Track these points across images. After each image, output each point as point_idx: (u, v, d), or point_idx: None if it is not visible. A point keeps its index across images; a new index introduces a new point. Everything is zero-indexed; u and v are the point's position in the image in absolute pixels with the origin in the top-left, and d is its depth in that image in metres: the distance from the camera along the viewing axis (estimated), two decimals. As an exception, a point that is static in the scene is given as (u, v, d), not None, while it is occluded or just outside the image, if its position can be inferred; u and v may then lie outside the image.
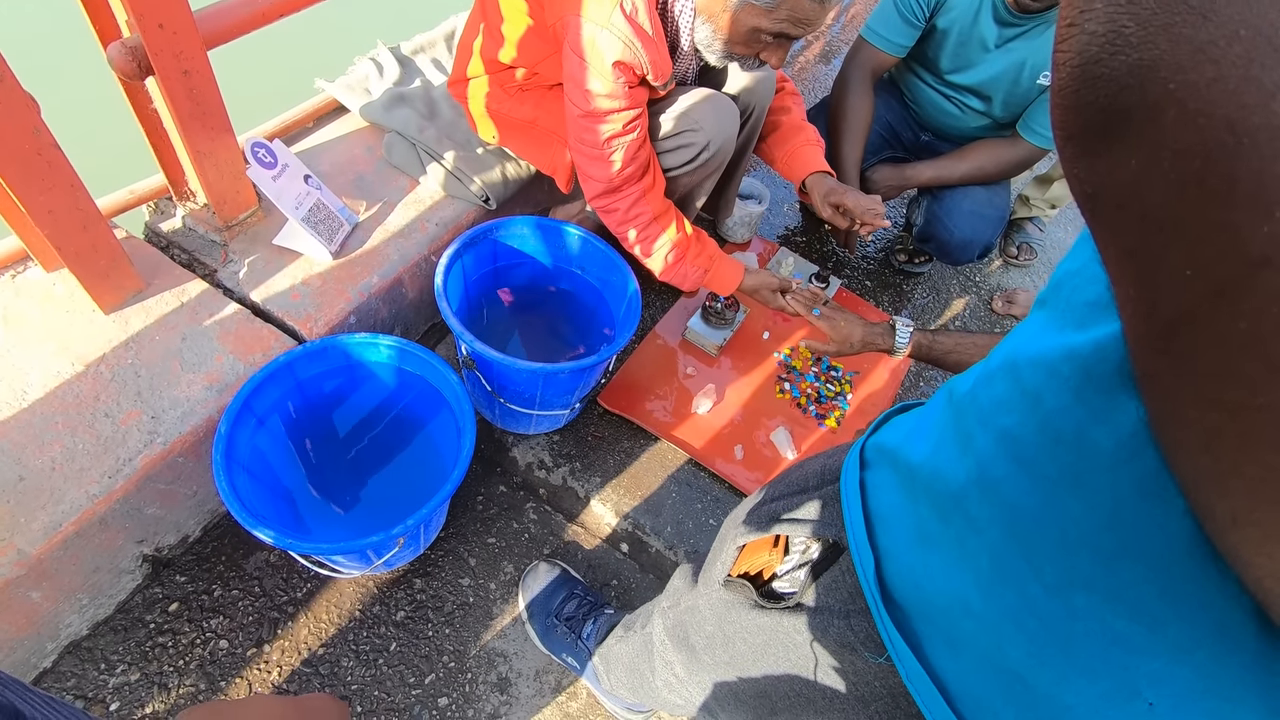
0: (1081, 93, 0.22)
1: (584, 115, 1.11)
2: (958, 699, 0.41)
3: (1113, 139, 0.22)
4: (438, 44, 1.72)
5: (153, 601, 1.18)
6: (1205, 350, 0.21)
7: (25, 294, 1.16)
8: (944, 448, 0.42)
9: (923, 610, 0.43)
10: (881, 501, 0.48)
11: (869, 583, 0.46)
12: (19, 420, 1.04)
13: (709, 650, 0.69)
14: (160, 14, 0.96)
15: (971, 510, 0.39)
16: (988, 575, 0.38)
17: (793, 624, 0.54)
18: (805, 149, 1.44)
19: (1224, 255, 0.20)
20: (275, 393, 1.13)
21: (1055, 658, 0.36)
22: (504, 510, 1.40)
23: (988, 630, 0.39)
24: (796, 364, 1.66)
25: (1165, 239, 0.21)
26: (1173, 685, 0.32)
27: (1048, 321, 0.36)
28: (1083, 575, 0.33)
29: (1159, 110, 0.20)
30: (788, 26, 1.03)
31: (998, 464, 0.37)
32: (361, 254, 1.35)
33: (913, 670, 0.43)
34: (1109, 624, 0.33)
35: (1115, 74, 0.21)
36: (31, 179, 0.93)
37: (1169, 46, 0.19)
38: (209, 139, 1.14)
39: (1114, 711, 0.34)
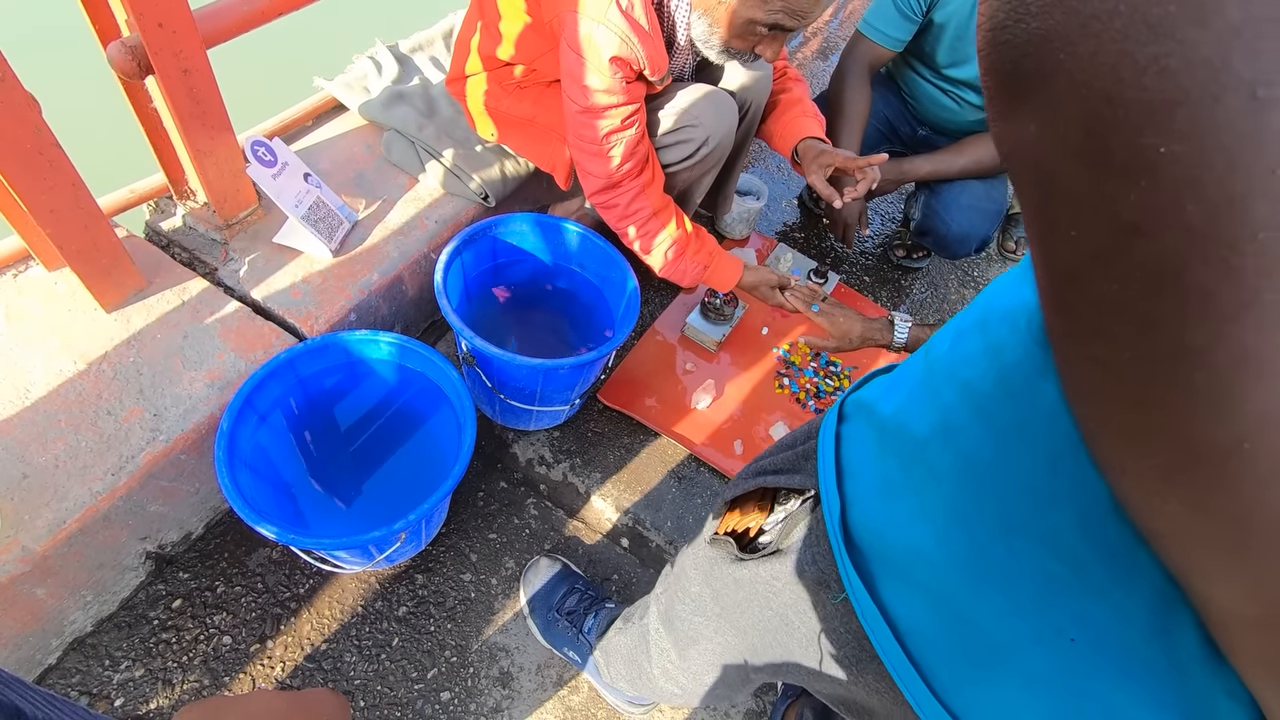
0: (992, 56, 0.23)
1: (582, 111, 1.11)
2: (906, 635, 0.44)
3: (1017, 103, 0.23)
4: (436, 42, 1.72)
5: (156, 598, 1.18)
6: (1085, 308, 0.23)
7: (28, 292, 1.16)
8: (914, 400, 0.44)
9: (881, 554, 0.45)
10: (853, 452, 0.50)
11: (834, 526, 0.48)
12: (22, 418, 1.05)
13: (697, 613, 0.70)
14: (160, 13, 0.97)
15: (932, 460, 0.41)
16: (942, 521, 0.40)
17: (770, 573, 0.56)
18: (800, 119, 1.41)
19: (1101, 221, 0.21)
20: (277, 390, 1.13)
21: (995, 598, 0.38)
22: (505, 506, 1.41)
23: (938, 572, 0.41)
24: (795, 359, 1.66)
25: (1057, 202, 0.22)
26: (1092, 623, 0.34)
27: (1019, 276, 0.37)
28: (1022, 520, 0.35)
29: (1052, 79, 0.21)
30: (783, 18, 1.04)
31: (959, 414, 0.39)
32: (361, 251, 1.36)
33: (866, 607, 0.45)
34: (1041, 566, 0.35)
35: (1017, 40, 0.22)
36: (33, 178, 0.94)
37: (1061, 18, 0.20)
38: (209, 138, 1.14)
39: (1041, 647, 0.36)
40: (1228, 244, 0.18)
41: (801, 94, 1.45)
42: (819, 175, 1.32)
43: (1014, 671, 0.38)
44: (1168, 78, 0.18)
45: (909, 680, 0.43)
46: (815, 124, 1.40)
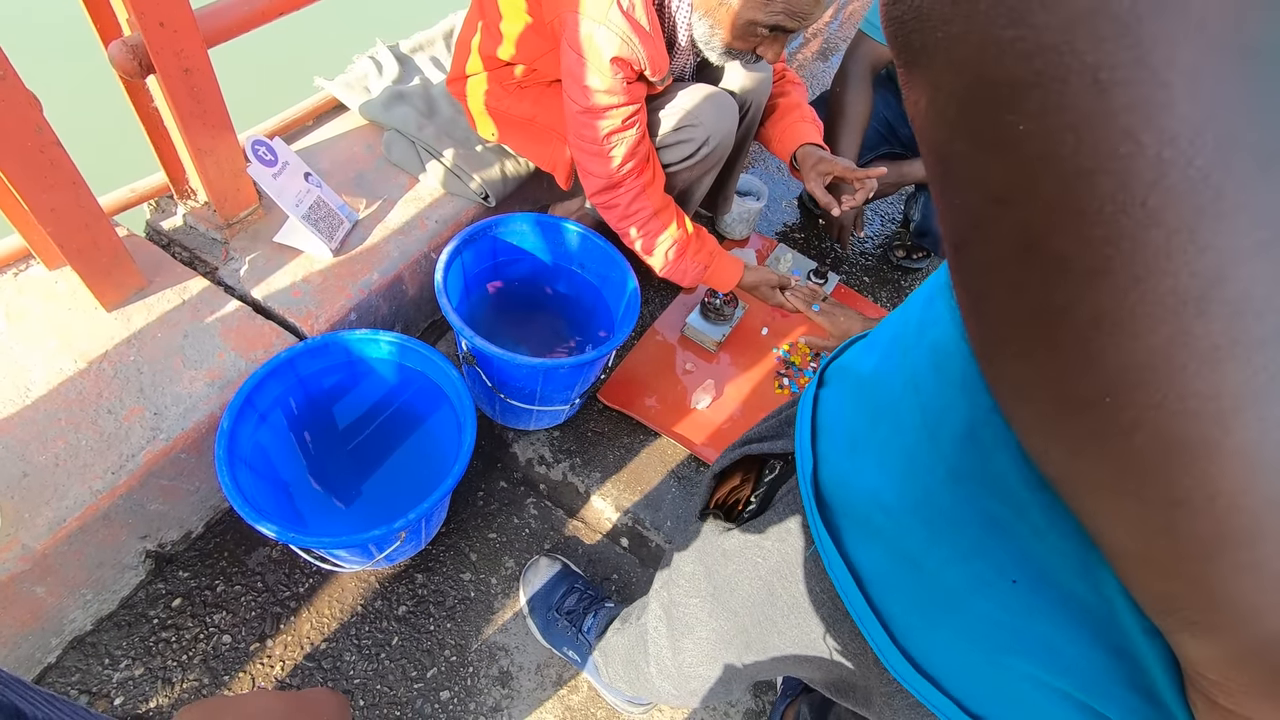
0: (887, 29, 0.24)
1: (583, 111, 1.11)
2: (869, 584, 0.46)
3: (910, 76, 0.24)
4: (436, 42, 1.72)
5: (156, 597, 1.19)
6: (969, 270, 0.25)
7: (28, 291, 1.16)
8: (889, 359, 0.46)
9: (845, 505, 0.48)
10: (828, 412, 0.52)
11: (805, 482, 0.50)
12: (22, 417, 1.05)
13: (692, 594, 0.71)
14: (161, 12, 0.97)
15: (901, 415, 0.43)
16: (899, 471, 0.42)
17: (755, 538, 0.58)
18: (798, 125, 1.42)
19: (975, 191, 0.22)
20: (277, 389, 1.13)
21: (944, 543, 0.40)
22: (505, 506, 1.41)
23: (894, 520, 0.43)
24: (795, 359, 1.66)
25: (944, 172, 0.24)
26: (1032, 564, 0.35)
27: None
28: (969, 466, 0.37)
29: (932, 56, 0.22)
30: (784, 19, 1.04)
31: (923, 370, 0.41)
32: (362, 251, 1.36)
33: (832, 558, 0.48)
34: (986, 510, 0.37)
35: (905, 16, 0.23)
36: (34, 177, 0.94)
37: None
38: (210, 137, 1.14)
39: (987, 589, 0.38)
40: (1079, 215, 0.20)
41: (800, 98, 1.45)
42: (817, 183, 1.33)
43: (963, 614, 0.40)
44: (1023, 60, 0.19)
45: (871, 627, 0.46)
46: (814, 129, 1.41)
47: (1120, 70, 0.18)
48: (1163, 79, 0.17)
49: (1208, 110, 0.17)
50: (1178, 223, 0.18)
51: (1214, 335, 0.19)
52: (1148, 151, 0.18)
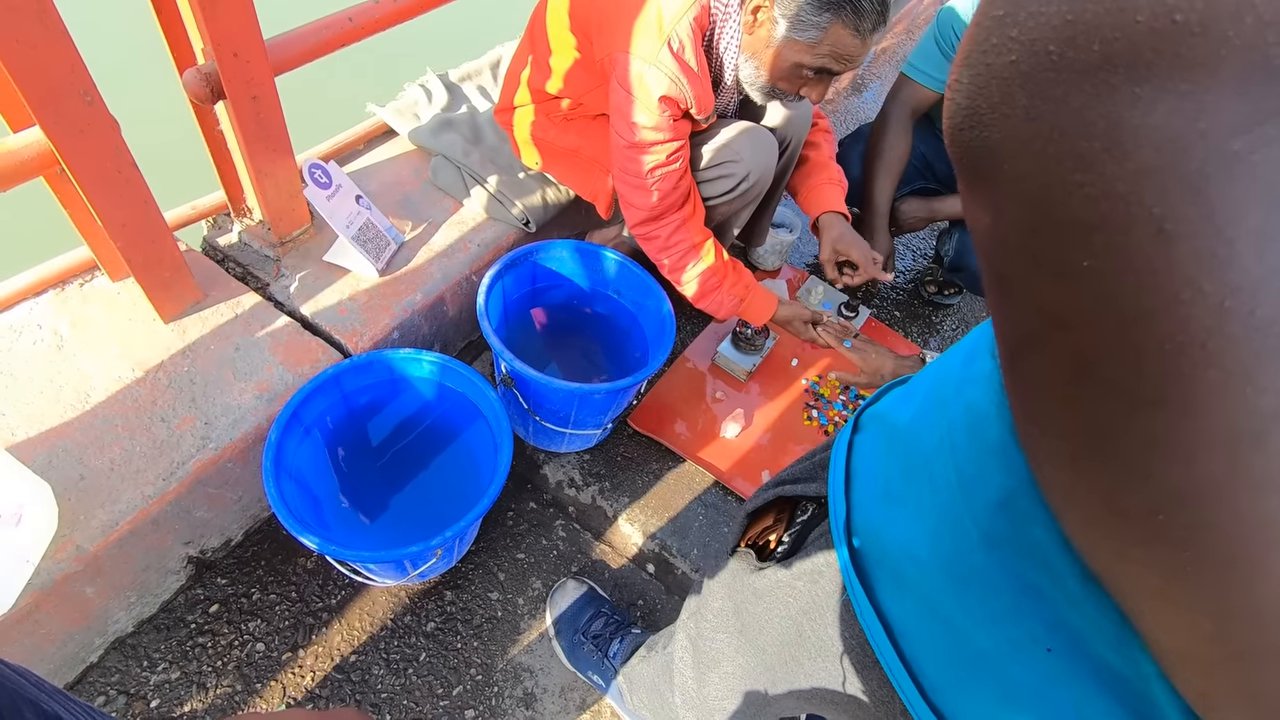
0: (953, 150, 0.26)
1: (629, 146, 1.15)
2: (900, 636, 0.46)
3: (974, 194, 0.25)
4: (483, 72, 1.78)
5: (194, 602, 1.22)
6: (1022, 379, 0.26)
7: (92, 301, 1.22)
8: (926, 413, 0.47)
9: (878, 555, 0.48)
10: (862, 460, 0.53)
11: (838, 528, 0.51)
12: (82, 422, 1.09)
13: (720, 630, 0.72)
14: (236, 44, 1.02)
15: (935, 471, 0.43)
16: (934, 529, 0.43)
17: (786, 578, 0.59)
18: (826, 187, 1.48)
19: (1033, 309, 0.24)
20: (322, 403, 1.17)
21: (977, 605, 0.40)
22: (534, 527, 1.42)
23: (928, 577, 0.43)
24: (824, 392, 1.67)
25: (1002, 283, 0.25)
26: (1067, 633, 0.35)
27: None
28: (1004, 532, 0.37)
29: (998, 183, 0.23)
30: (829, 62, 1.07)
31: (959, 431, 0.41)
32: (406, 272, 1.40)
33: (863, 606, 0.48)
34: (1021, 576, 0.37)
35: (972, 143, 0.24)
36: (111, 194, 0.99)
37: (1006, 134, 0.23)
38: (271, 160, 1.20)
39: (1020, 654, 0.38)
40: (1137, 349, 0.20)
41: (829, 154, 1.51)
42: (830, 257, 1.44)
43: (994, 678, 0.40)
44: (1090, 204, 0.20)
45: (901, 680, 0.45)
46: (838, 193, 1.48)
47: (1185, 224, 0.19)
48: (1228, 236, 0.18)
49: (1272, 266, 0.18)
50: (1236, 366, 0.19)
51: (1270, 467, 0.19)
52: (1209, 299, 0.19)
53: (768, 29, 1.06)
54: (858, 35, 1.03)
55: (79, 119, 0.90)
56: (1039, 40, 0.20)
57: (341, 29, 1.20)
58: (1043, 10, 0.20)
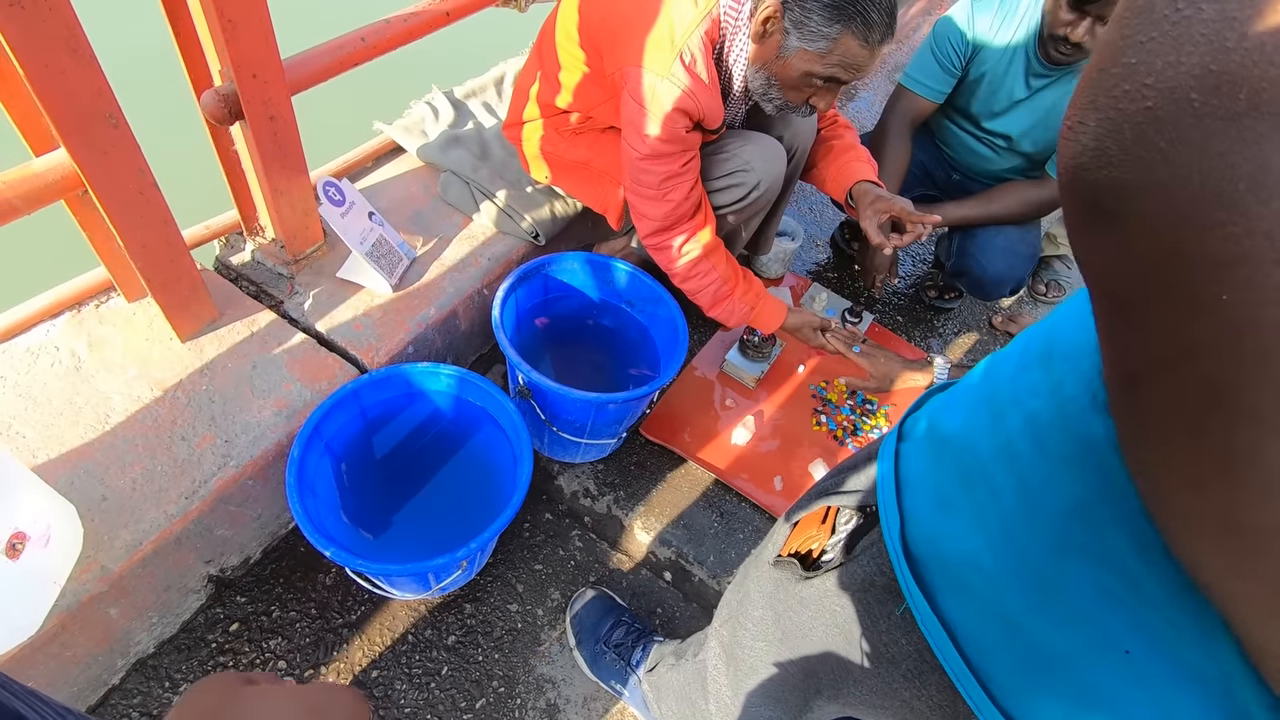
0: (1074, 187, 0.27)
1: (642, 158, 1.17)
2: (964, 642, 0.46)
3: (1095, 228, 0.26)
4: (488, 88, 1.80)
5: (214, 621, 1.21)
6: (1145, 404, 0.26)
7: (109, 322, 1.22)
8: (978, 421, 0.47)
9: (938, 565, 0.48)
10: (911, 468, 0.53)
11: (893, 539, 0.51)
12: (103, 442, 1.09)
13: (759, 638, 0.72)
14: (255, 65, 1.04)
15: (995, 480, 0.44)
16: (997, 537, 0.43)
17: (835, 587, 0.58)
18: (855, 164, 1.44)
19: (1164, 338, 0.24)
20: (341, 418, 1.17)
21: (1049, 609, 0.40)
22: (550, 537, 1.43)
23: (993, 585, 0.43)
24: (832, 397, 1.69)
25: (1127, 313, 0.26)
26: (1146, 635, 0.36)
27: (1083, 313, 0.41)
28: (1075, 540, 0.38)
29: (1127, 221, 0.24)
30: (839, 71, 1.09)
31: (1021, 441, 0.42)
32: (419, 287, 1.41)
33: (926, 615, 0.48)
34: (1096, 581, 0.37)
35: (1099, 183, 0.25)
36: (133, 215, 1.00)
37: (1139, 174, 0.24)
38: (287, 179, 1.21)
39: (1096, 657, 0.38)
40: (1277, 376, 0.21)
41: (853, 140, 1.50)
42: (872, 220, 1.33)
43: (1070, 680, 0.40)
44: (1232, 242, 0.21)
45: (968, 685, 0.45)
46: (869, 168, 1.43)
47: None
48: None
49: None
50: None
51: None
52: None
53: (778, 40, 1.08)
54: (867, 45, 1.05)
55: (104, 141, 0.91)
56: (1179, 89, 0.21)
57: (355, 48, 1.22)
58: (1181, 60, 0.21)
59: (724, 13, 1.10)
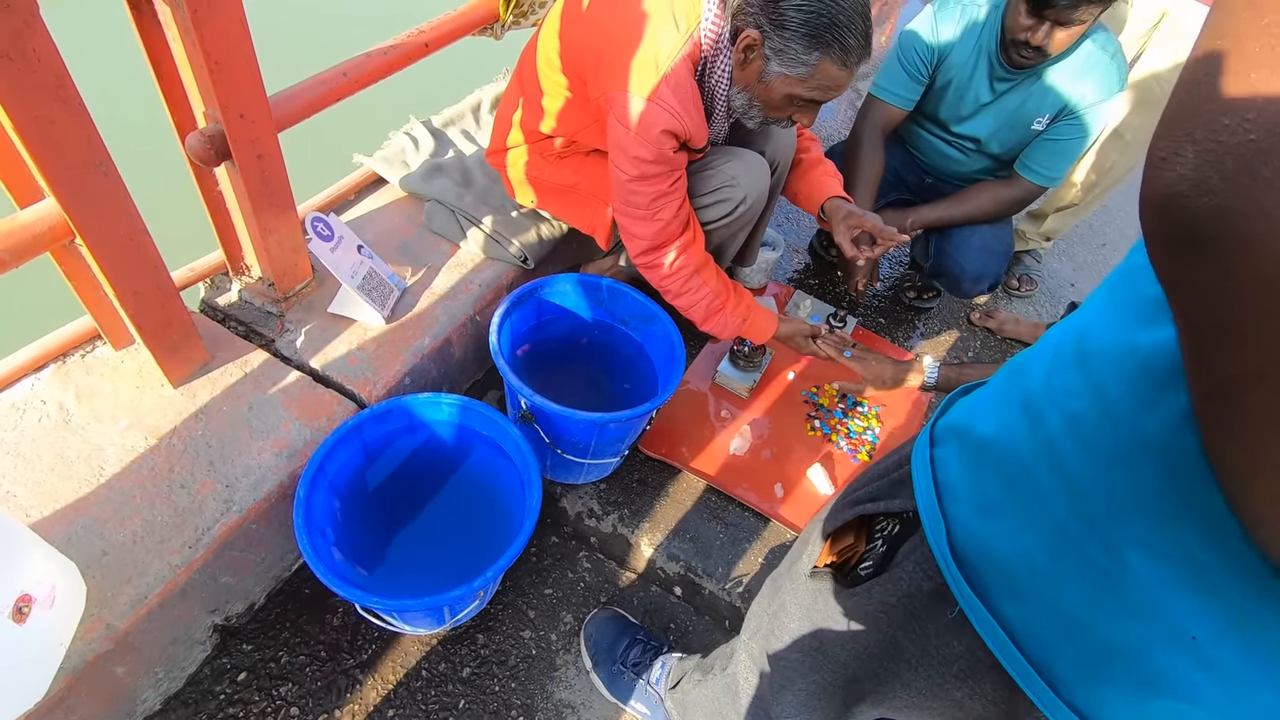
0: (1170, 213, 0.29)
1: (631, 180, 1.18)
2: (1023, 641, 0.47)
3: (1191, 252, 0.28)
4: (466, 116, 1.81)
5: (221, 672, 1.18)
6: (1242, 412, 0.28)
7: (96, 372, 1.19)
8: (1012, 425, 0.48)
9: (989, 568, 0.49)
10: (949, 474, 0.54)
11: (939, 544, 0.51)
12: (98, 495, 1.07)
13: (795, 650, 0.72)
14: (242, 105, 1.03)
15: (1041, 481, 0.45)
16: (1051, 537, 0.44)
17: (880, 597, 0.59)
18: (826, 179, 1.52)
19: (1268, 349, 0.26)
20: (344, 455, 1.16)
21: (1110, 604, 0.41)
22: (558, 561, 1.42)
23: (1049, 583, 0.44)
24: (824, 401, 1.72)
25: (1224, 331, 0.28)
26: (1211, 620, 0.37)
27: (1117, 314, 0.42)
28: (1133, 535, 0.39)
29: (1228, 246, 0.26)
30: (819, 93, 1.13)
31: (1064, 442, 0.43)
32: (412, 317, 1.40)
33: (982, 617, 0.48)
34: (1158, 572, 0.38)
35: (1198, 210, 0.27)
36: (123, 261, 0.98)
37: (1243, 202, 0.25)
38: (275, 216, 1.20)
39: (1161, 646, 0.40)
40: None
41: (819, 154, 1.56)
42: (845, 235, 1.41)
43: (1135, 670, 0.41)
44: None
45: (1032, 682, 0.46)
46: (837, 182, 1.51)
47: None
48: None
49: None
50: None
51: None
52: None
53: (759, 65, 1.11)
54: (845, 68, 1.09)
55: (94, 190, 0.89)
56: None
57: (337, 83, 1.22)
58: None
59: (705, 35, 1.13)
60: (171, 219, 1.55)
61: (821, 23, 1.05)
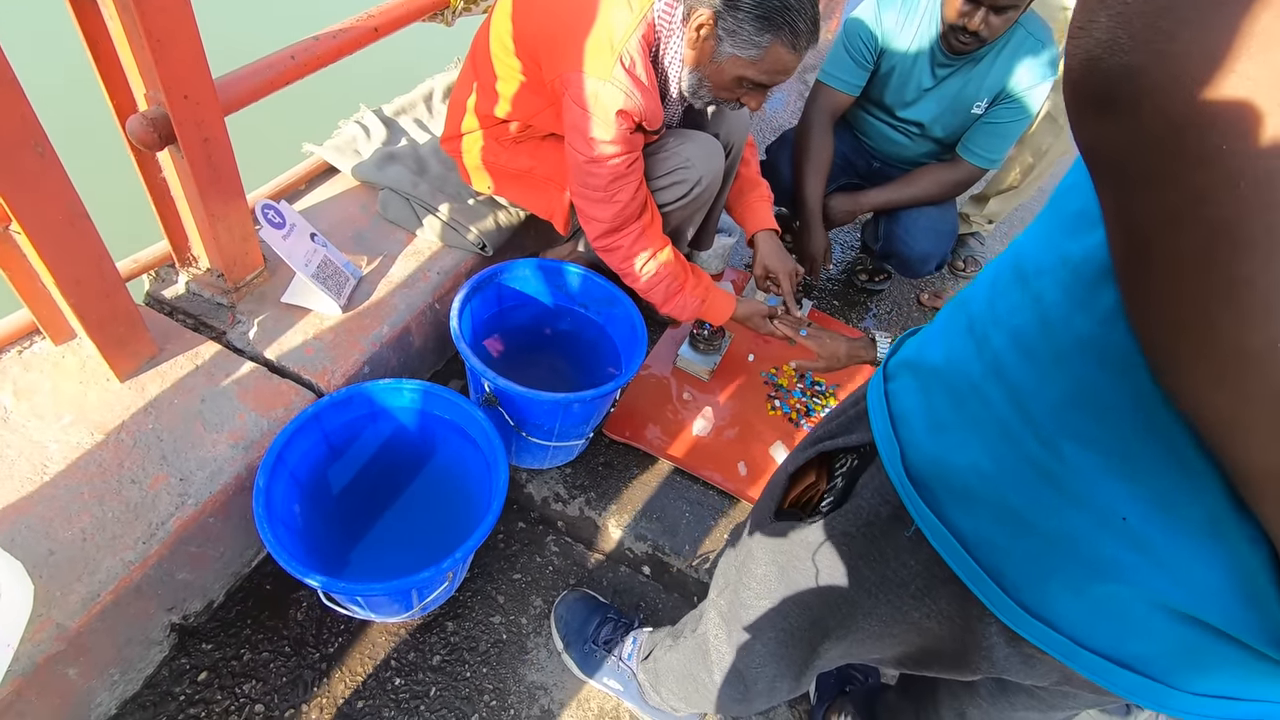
0: (1087, 77, 0.31)
1: (588, 161, 1.19)
2: (974, 548, 0.50)
3: (1107, 114, 0.31)
4: (418, 105, 1.79)
5: (180, 673, 1.15)
6: (1158, 258, 0.31)
7: (35, 368, 1.14)
8: (959, 349, 0.52)
9: (940, 482, 0.52)
10: (902, 402, 0.57)
11: (895, 466, 0.54)
12: (42, 494, 1.02)
13: (763, 595, 0.74)
14: (186, 86, 1.00)
15: (987, 394, 0.48)
16: (995, 441, 0.47)
17: (838, 529, 0.62)
18: (758, 204, 1.62)
19: (1175, 193, 0.29)
20: (305, 444, 1.14)
21: (1050, 497, 0.44)
22: (525, 546, 1.42)
23: (995, 485, 0.48)
24: (783, 382, 1.75)
25: (1138, 182, 0.31)
26: (1140, 501, 0.40)
27: (1050, 232, 0.46)
28: (1070, 428, 0.42)
29: (1139, 101, 0.29)
30: (768, 75, 1.15)
31: (1007, 355, 0.47)
32: (369, 306, 1.38)
33: (934, 527, 0.51)
34: (1090, 460, 0.42)
35: (1111, 70, 0.30)
36: (63, 249, 0.95)
37: (1149, 57, 0.28)
38: (223, 203, 1.17)
39: (1097, 532, 0.43)
40: (1270, 206, 0.26)
41: (756, 169, 1.64)
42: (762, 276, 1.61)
43: (1076, 560, 0.44)
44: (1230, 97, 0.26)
45: (983, 585, 0.49)
46: (768, 209, 1.62)
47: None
48: None
49: None
50: None
51: None
52: None
53: (711, 45, 1.14)
54: (795, 52, 1.12)
55: (31, 172, 0.86)
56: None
57: (285, 67, 1.19)
58: None
59: (659, 16, 1.15)
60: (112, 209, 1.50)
61: (774, 5, 1.07)
